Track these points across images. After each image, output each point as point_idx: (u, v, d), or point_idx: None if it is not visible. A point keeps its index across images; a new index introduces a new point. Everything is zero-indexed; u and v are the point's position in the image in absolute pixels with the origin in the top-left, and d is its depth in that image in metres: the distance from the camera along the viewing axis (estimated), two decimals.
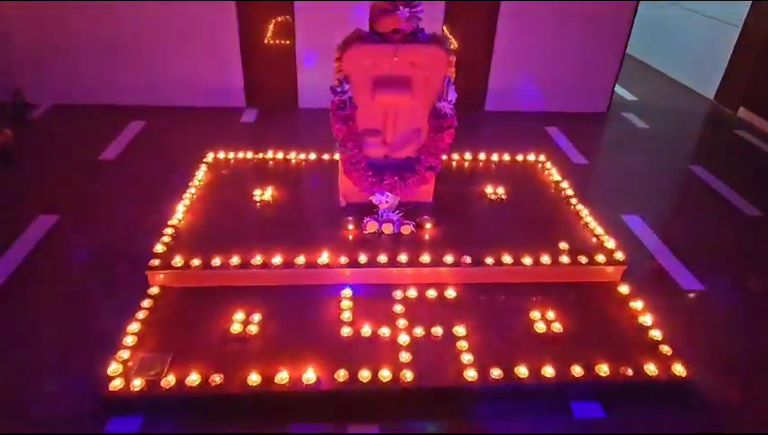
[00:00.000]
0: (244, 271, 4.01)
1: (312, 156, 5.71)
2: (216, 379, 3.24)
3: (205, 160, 5.50)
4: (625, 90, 9.36)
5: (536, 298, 4.03)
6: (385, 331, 3.64)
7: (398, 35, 4.17)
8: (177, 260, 4.02)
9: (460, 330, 3.69)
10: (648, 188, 6.15)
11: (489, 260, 4.19)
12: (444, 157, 4.60)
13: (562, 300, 4.04)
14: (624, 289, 4.17)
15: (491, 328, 3.76)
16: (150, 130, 6.97)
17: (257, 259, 4.06)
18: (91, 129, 6.97)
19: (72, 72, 7.48)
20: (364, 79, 4.35)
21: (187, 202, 4.76)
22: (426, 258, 4.18)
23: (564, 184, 5.35)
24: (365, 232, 4.51)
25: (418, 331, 3.66)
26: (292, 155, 5.71)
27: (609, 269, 4.28)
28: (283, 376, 3.26)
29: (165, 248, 4.16)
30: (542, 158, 5.92)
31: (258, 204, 4.87)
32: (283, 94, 7.98)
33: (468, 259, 4.20)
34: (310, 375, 3.28)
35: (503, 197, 5.14)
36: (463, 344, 3.56)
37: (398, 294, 3.99)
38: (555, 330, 3.75)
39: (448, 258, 4.18)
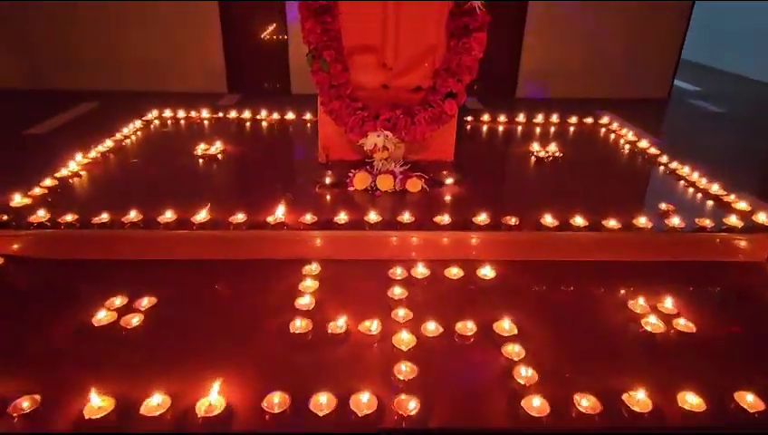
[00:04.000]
0: (144, 232, 2.45)
1: (290, 115, 4.24)
2: (25, 404, 1.62)
3: (143, 118, 4.07)
4: (683, 82, 7.84)
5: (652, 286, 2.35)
6: (371, 325, 2.00)
7: None
8: (41, 215, 2.48)
9: (506, 325, 2.03)
10: (756, 167, 4.50)
11: (548, 220, 2.56)
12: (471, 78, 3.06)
13: (680, 284, 2.37)
14: None
15: (564, 325, 2.10)
16: (100, 111, 5.65)
17: (168, 215, 2.50)
18: (28, 109, 5.70)
19: (26, 52, 6.32)
20: None
21: (94, 154, 3.28)
22: (445, 219, 2.57)
23: (643, 143, 3.74)
24: (351, 189, 2.95)
25: (431, 326, 2.01)
26: (263, 114, 4.25)
27: (746, 243, 2.59)
28: (156, 401, 1.63)
29: (29, 201, 2.64)
30: (605, 120, 4.35)
31: (201, 159, 3.36)
32: (273, 78, 6.68)
33: (515, 220, 2.57)
34: (214, 400, 1.64)
35: (556, 154, 3.55)
36: (514, 350, 1.90)
37: (397, 272, 2.37)
38: (682, 328, 2.06)
39: (482, 218, 2.57)
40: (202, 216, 2.49)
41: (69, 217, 2.47)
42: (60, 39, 6.24)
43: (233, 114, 4.23)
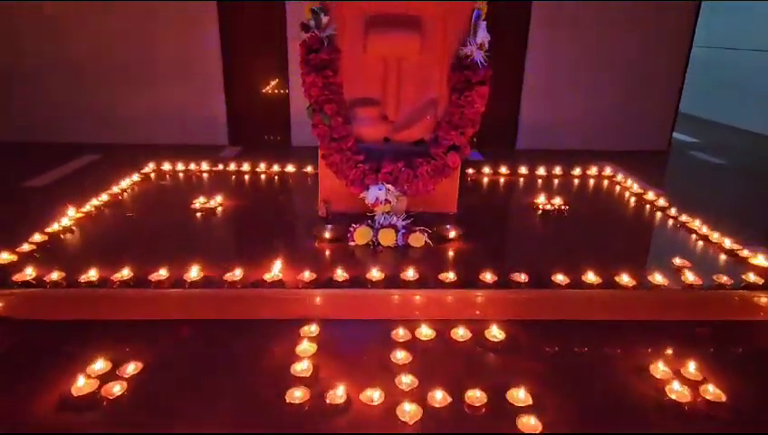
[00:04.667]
0: (133, 291, 2.33)
1: (291, 168, 4.19)
2: None
3: (142, 171, 4.02)
4: (681, 134, 7.89)
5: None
6: (373, 395, 1.85)
7: None
8: (27, 273, 2.37)
9: (520, 395, 1.87)
10: (765, 219, 4.42)
11: (560, 278, 2.44)
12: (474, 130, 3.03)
13: (701, 346, 2.22)
14: None
15: (581, 392, 1.94)
16: (102, 164, 5.62)
17: (161, 273, 2.39)
18: (29, 162, 5.68)
19: (30, 105, 6.37)
20: (351, 18, 2.96)
21: (88, 209, 3.20)
22: (450, 276, 2.45)
23: (650, 195, 3.67)
24: (351, 244, 2.85)
25: (438, 396, 1.86)
26: (262, 166, 4.21)
27: (767, 301, 2.47)
28: None
29: (15, 258, 2.53)
30: (608, 171, 4.30)
31: (198, 213, 3.28)
32: (274, 130, 6.73)
33: (523, 277, 2.46)
34: None
35: (563, 207, 3.47)
36: (530, 423, 1.74)
37: (399, 333, 2.23)
38: (711, 397, 1.91)
39: (489, 275, 2.45)
40: (195, 273, 2.38)
41: (55, 275, 2.35)
42: (64, 93, 6.30)
43: (232, 166, 4.19)
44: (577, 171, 4.25)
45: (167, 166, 4.14)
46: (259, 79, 6.66)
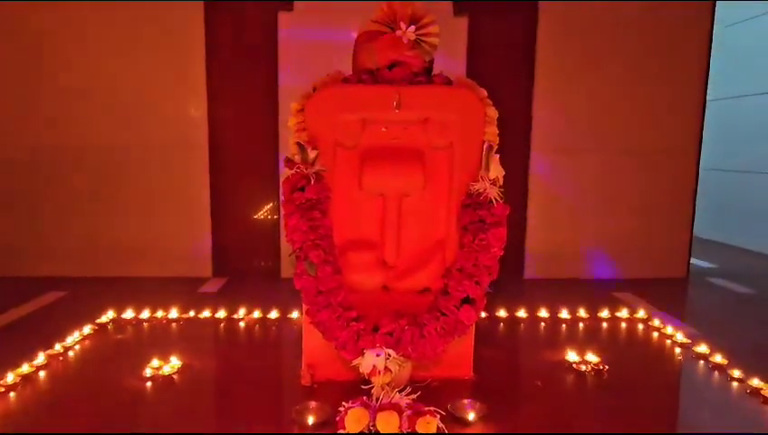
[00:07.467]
0: None
1: (274, 314, 3.62)
2: None
3: (97, 321, 3.42)
4: (697, 259, 7.44)
5: None
6: None
7: (399, 71, 2.51)
8: None
9: None
10: None
11: None
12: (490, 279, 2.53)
13: None
14: None
15: None
16: (65, 303, 5.02)
17: None
18: None
19: None
20: (345, 152, 2.59)
21: (9, 380, 2.55)
22: None
23: (703, 348, 3.07)
24: (341, 433, 2.18)
25: None
26: (241, 313, 3.63)
27: None
28: None
29: None
30: (641, 314, 3.73)
31: (149, 382, 2.62)
32: (262, 259, 6.22)
33: None
34: None
35: (601, 367, 2.84)
36: None
37: None
38: None
39: None
40: None
41: None
42: (33, 225, 5.87)
43: (206, 314, 3.61)
44: (605, 313, 3.69)
45: (129, 313, 3.56)
46: (248, 205, 6.29)
